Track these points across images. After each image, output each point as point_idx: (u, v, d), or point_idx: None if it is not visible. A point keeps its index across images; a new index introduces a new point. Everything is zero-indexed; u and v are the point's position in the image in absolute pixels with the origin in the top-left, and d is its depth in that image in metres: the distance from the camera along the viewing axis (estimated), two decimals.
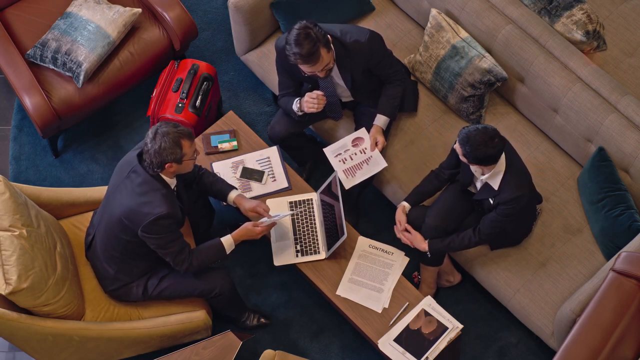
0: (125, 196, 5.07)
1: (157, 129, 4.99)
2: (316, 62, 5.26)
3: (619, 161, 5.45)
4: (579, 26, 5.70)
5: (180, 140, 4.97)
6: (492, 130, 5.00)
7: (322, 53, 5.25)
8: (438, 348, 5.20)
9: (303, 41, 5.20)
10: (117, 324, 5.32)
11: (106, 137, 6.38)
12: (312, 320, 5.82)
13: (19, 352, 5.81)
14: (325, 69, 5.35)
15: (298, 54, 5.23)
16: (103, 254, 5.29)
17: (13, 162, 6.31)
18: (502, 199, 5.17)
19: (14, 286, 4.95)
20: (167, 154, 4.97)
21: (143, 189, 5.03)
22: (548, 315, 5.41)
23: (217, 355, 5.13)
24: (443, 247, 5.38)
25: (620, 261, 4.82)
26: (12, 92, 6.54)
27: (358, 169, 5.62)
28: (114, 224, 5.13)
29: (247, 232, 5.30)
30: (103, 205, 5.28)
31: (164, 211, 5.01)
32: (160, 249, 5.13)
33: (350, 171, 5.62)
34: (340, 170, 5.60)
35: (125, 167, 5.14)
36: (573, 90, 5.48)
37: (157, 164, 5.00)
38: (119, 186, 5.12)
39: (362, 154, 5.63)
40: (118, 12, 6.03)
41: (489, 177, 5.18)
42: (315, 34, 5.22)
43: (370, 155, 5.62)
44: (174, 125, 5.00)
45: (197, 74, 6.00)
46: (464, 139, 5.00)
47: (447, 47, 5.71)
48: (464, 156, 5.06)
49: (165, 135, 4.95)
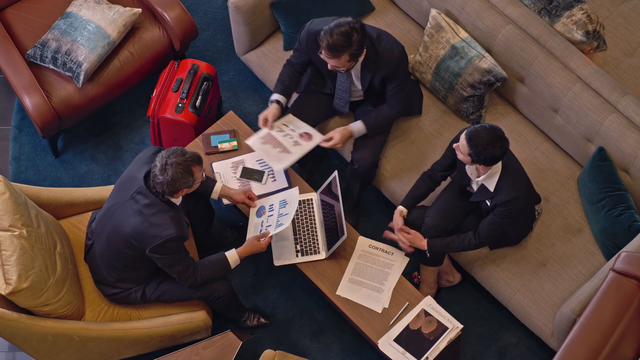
0: (132, 216, 5.04)
1: (166, 160, 4.93)
2: (333, 59, 5.22)
3: (619, 161, 5.45)
4: (579, 26, 5.70)
5: (191, 168, 4.96)
6: (499, 130, 4.99)
7: (343, 57, 5.21)
8: (438, 348, 5.21)
9: (339, 33, 5.16)
10: (117, 324, 5.32)
11: (106, 137, 6.38)
12: (312, 320, 5.82)
13: (19, 352, 5.81)
14: (336, 69, 5.33)
15: (327, 40, 5.16)
16: (103, 262, 5.28)
17: (13, 162, 6.31)
18: (499, 201, 5.16)
19: (14, 286, 4.95)
20: (180, 184, 4.96)
21: (151, 211, 5.01)
22: (548, 315, 5.41)
23: (217, 355, 5.13)
24: (442, 247, 5.38)
25: (620, 261, 4.82)
26: (12, 92, 6.54)
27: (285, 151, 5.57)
28: (120, 241, 5.12)
29: (253, 248, 5.31)
30: (105, 216, 5.23)
31: (172, 234, 5.00)
32: (167, 267, 5.15)
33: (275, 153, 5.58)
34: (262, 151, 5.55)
35: (129, 185, 5.10)
36: (573, 90, 5.49)
37: (169, 192, 4.98)
38: (123, 204, 5.09)
39: (290, 139, 5.59)
40: (118, 12, 6.03)
41: (485, 179, 5.17)
42: (354, 40, 5.17)
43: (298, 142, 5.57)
44: (181, 153, 4.96)
45: (197, 74, 6.00)
46: (471, 138, 4.96)
47: (447, 47, 5.71)
48: (469, 155, 5.03)
49: (177, 166, 4.92)
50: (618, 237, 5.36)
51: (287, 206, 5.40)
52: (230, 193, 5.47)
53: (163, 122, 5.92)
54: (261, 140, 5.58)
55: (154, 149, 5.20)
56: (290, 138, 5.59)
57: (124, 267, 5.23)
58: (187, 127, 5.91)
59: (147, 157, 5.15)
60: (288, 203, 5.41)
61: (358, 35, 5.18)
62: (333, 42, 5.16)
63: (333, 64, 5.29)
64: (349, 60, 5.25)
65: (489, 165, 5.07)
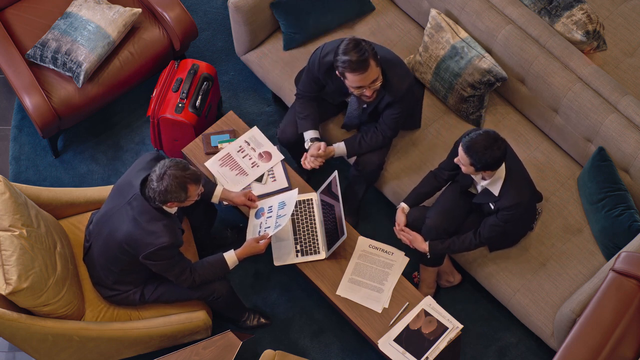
0: (127, 222, 5.04)
1: (166, 169, 4.92)
2: (365, 71, 5.18)
3: (619, 161, 5.45)
4: (579, 26, 5.70)
5: (187, 185, 4.94)
6: (492, 132, 4.99)
7: (371, 63, 5.19)
8: (438, 348, 5.21)
9: (352, 50, 5.16)
10: (117, 324, 5.32)
11: (106, 137, 6.38)
12: (312, 320, 5.82)
13: (19, 352, 5.81)
14: (372, 87, 5.28)
15: (348, 61, 5.15)
16: (100, 265, 5.27)
17: (13, 162, 6.31)
18: (503, 205, 5.16)
19: (14, 286, 4.95)
20: (171, 196, 4.95)
21: (145, 218, 5.01)
22: (548, 315, 5.41)
23: (217, 355, 5.13)
24: (443, 249, 5.38)
25: (620, 261, 4.82)
26: (12, 92, 6.54)
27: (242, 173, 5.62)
28: (114, 246, 5.12)
29: (252, 250, 5.31)
30: (102, 220, 5.22)
31: (165, 242, 5.00)
32: (163, 272, 5.16)
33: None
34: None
35: (126, 190, 5.10)
36: (573, 90, 5.49)
37: (160, 200, 4.98)
38: (120, 209, 5.10)
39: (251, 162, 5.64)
40: (118, 12, 6.03)
41: (489, 183, 5.17)
42: (364, 46, 5.18)
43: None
44: (183, 167, 4.95)
45: (197, 74, 6.00)
46: (469, 148, 4.96)
47: (447, 48, 5.71)
48: (471, 166, 5.02)
49: (174, 178, 4.90)
50: (618, 237, 5.36)
51: (285, 207, 5.40)
52: (231, 196, 5.46)
53: (163, 122, 5.92)
54: (219, 162, 5.61)
55: (152, 154, 5.20)
56: (249, 159, 5.63)
57: (121, 271, 5.23)
58: (187, 127, 5.91)
59: (145, 162, 5.14)
60: (287, 205, 5.41)
61: (364, 42, 5.21)
62: (355, 59, 5.15)
63: (370, 79, 5.21)
64: (376, 64, 5.21)
65: (494, 169, 5.06)
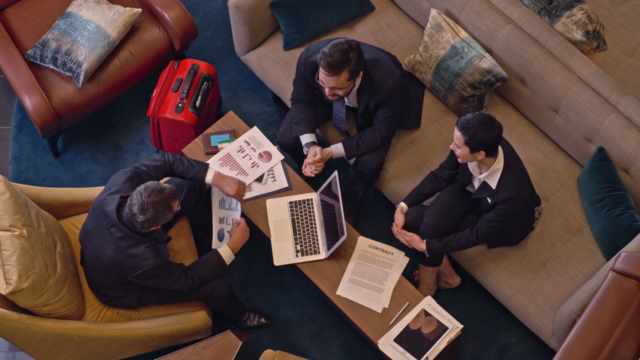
0: (109, 247, 5.03)
1: (145, 200, 4.86)
2: (333, 75, 5.19)
3: (619, 161, 5.45)
4: (579, 26, 5.70)
5: (170, 204, 4.93)
6: (488, 114, 5.00)
7: (343, 74, 5.19)
8: (438, 348, 5.21)
9: (338, 51, 5.15)
10: (117, 324, 5.32)
11: (106, 137, 6.38)
12: (312, 320, 5.82)
13: (19, 352, 5.81)
14: (332, 92, 5.29)
15: (327, 56, 5.15)
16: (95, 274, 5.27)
17: (13, 162, 6.32)
18: (500, 198, 5.16)
19: (14, 286, 4.95)
20: (160, 221, 4.95)
21: (126, 244, 5.00)
22: (548, 315, 5.41)
23: (217, 355, 5.13)
24: (441, 247, 5.38)
25: (620, 261, 4.82)
26: (12, 92, 6.54)
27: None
28: (101, 265, 5.12)
29: (238, 235, 5.30)
30: (87, 236, 5.18)
31: (151, 264, 5.00)
32: (157, 286, 5.17)
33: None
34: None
35: (101, 217, 5.05)
36: (573, 90, 5.49)
37: (148, 227, 4.96)
38: (100, 232, 5.06)
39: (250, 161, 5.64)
40: (118, 12, 6.03)
41: (487, 175, 5.18)
42: (351, 57, 5.16)
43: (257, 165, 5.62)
44: (160, 190, 4.90)
45: (197, 74, 6.00)
46: (463, 125, 4.96)
47: (447, 48, 5.71)
48: (465, 145, 5.01)
49: (157, 205, 4.88)
50: (618, 237, 5.37)
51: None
52: (222, 185, 5.36)
53: (163, 122, 5.93)
54: (219, 162, 5.61)
55: (126, 173, 5.11)
56: (249, 159, 5.63)
57: (114, 285, 5.25)
58: (187, 127, 5.91)
59: (120, 183, 5.08)
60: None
61: (355, 52, 5.18)
62: (333, 60, 5.15)
63: (332, 84, 5.24)
64: (348, 78, 5.22)
65: (489, 153, 5.03)
